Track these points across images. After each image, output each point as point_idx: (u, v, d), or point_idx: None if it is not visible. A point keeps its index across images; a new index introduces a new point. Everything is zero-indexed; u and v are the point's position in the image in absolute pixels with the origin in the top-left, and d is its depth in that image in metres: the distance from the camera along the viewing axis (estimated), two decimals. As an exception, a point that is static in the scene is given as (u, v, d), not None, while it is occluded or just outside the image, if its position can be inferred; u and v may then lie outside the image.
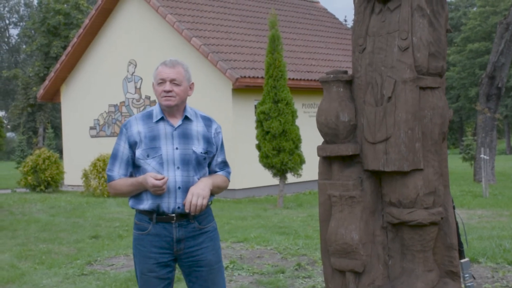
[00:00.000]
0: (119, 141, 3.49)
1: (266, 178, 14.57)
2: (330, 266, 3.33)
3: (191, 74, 3.55)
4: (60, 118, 26.21)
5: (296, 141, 13.19)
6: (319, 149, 3.34)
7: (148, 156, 3.40)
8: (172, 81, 3.42)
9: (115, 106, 19.18)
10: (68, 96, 20.65)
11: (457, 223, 3.35)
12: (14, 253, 8.48)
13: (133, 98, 18.65)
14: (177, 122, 3.48)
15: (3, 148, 22.49)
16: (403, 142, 3.07)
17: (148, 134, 3.43)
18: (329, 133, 3.28)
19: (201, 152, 3.46)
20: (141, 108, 18.40)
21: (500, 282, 6.11)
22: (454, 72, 52.21)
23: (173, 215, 3.41)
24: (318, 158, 3.40)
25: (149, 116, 3.50)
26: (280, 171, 13.25)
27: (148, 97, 18.22)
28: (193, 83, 3.55)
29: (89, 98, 19.81)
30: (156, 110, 3.51)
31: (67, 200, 15.59)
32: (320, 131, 3.33)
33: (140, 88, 18.45)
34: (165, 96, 3.42)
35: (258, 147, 13.38)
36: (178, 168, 3.40)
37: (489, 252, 7.26)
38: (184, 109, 3.52)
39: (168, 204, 3.40)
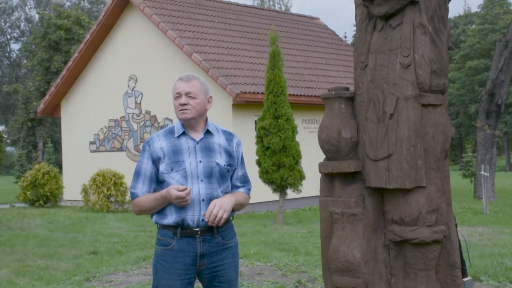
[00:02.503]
0: (142, 158, 3.53)
1: (266, 193, 14.54)
2: (331, 284, 3.30)
3: (208, 87, 3.59)
4: (60, 132, 26.22)
5: (296, 157, 13.18)
6: (321, 165, 3.32)
7: (172, 170, 3.43)
8: (187, 94, 3.47)
9: (115, 121, 19.18)
10: (68, 110, 20.67)
11: (459, 241, 3.32)
12: (12, 269, 8.42)
13: (133, 113, 18.65)
14: (198, 136, 3.52)
15: (2, 162, 22.50)
16: (405, 159, 3.06)
17: (171, 148, 3.47)
18: (331, 149, 3.27)
19: (224, 165, 3.50)
20: (141, 123, 18.41)
21: (501, 300, 6.07)
22: (454, 89, 52.32)
23: (198, 229, 3.42)
24: (318, 174, 3.39)
25: (170, 132, 3.55)
26: (280, 187, 13.23)
27: (148, 112, 18.23)
28: (211, 97, 3.59)
29: (89, 113, 19.82)
30: (177, 125, 3.55)
31: (66, 215, 15.53)
32: (322, 147, 3.32)
33: (140, 103, 18.46)
34: (181, 110, 3.47)
35: (258, 162, 13.36)
36: (202, 180, 3.43)
37: (490, 270, 7.22)
38: (206, 123, 3.57)
39: (193, 217, 3.41)
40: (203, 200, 3.41)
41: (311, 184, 13.66)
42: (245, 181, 3.68)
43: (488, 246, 9.42)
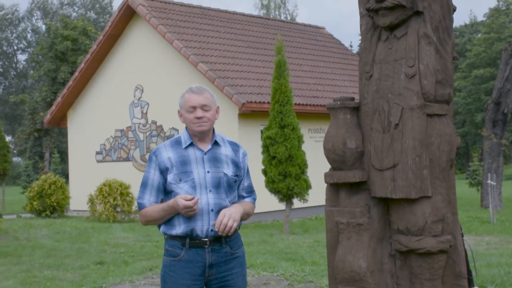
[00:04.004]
0: (149, 168, 3.52)
1: (272, 203, 14.53)
2: (337, 294, 3.29)
3: (216, 98, 3.61)
4: (66, 143, 26.29)
5: (302, 166, 13.18)
6: (326, 175, 3.33)
7: (180, 180, 3.44)
8: (203, 107, 3.47)
9: (121, 131, 19.24)
10: (75, 121, 20.74)
11: (465, 251, 3.32)
12: (18, 279, 8.44)
13: (140, 123, 18.71)
14: (206, 146, 3.52)
15: (9, 173, 22.55)
16: (410, 169, 3.06)
17: (179, 159, 3.47)
18: (336, 159, 3.28)
19: (232, 175, 3.52)
20: (148, 133, 18.46)
21: (509, 310, 6.04)
22: (460, 98, 52.23)
23: (206, 239, 3.43)
24: (324, 183, 3.40)
25: (177, 142, 3.55)
26: (286, 196, 13.22)
27: (154, 122, 18.28)
28: (218, 107, 3.61)
29: (96, 123, 19.89)
30: (184, 136, 3.55)
31: (72, 226, 15.56)
32: (327, 157, 3.33)
33: (146, 113, 18.52)
34: (198, 123, 3.46)
35: (264, 172, 13.37)
36: (210, 191, 3.44)
37: (497, 280, 7.19)
38: (213, 134, 3.57)
39: (202, 227, 3.42)
40: (212, 210, 3.42)
41: (317, 194, 13.64)
42: (251, 191, 3.70)
43: (495, 255, 9.38)
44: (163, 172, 3.47)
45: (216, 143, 3.55)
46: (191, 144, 3.51)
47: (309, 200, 13.62)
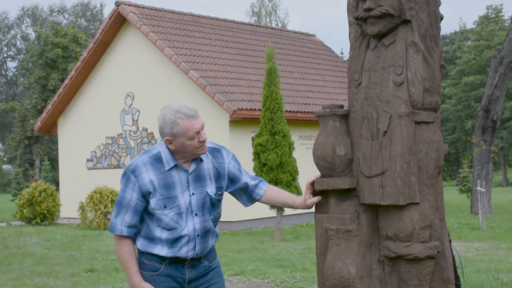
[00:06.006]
0: (125, 188, 3.29)
1: (263, 210, 14.52)
2: (327, 300, 3.32)
3: None
4: (57, 150, 26.24)
5: (293, 173, 13.21)
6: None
7: (165, 207, 3.28)
8: (202, 129, 3.28)
9: (112, 138, 19.21)
10: (65, 128, 20.70)
11: (453, 257, 3.35)
12: (8, 287, 8.40)
13: (131, 130, 18.70)
14: (189, 165, 3.35)
15: (-1, 180, 22.43)
16: (398, 176, 3.10)
17: (162, 182, 3.28)
18: (326, 166, 3.31)
19: (214, 195, 3.41)
20: (139, 140, 18.44)
21: (498, 316, 6.08)
22: (450, 105, 52.52)
23: (188, 259, 3.38)
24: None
25: (157, 159, 3.30)
26: (277, 204, 13.22)
27: (145, 129, 18.28)
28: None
29: (86, 130, 19.86)
30: (166, 156, 3.30)
31: (63, 233, 15.50)
32: (317, 165, 3.36)
33: (137, 120, 18.52)
34: (202, 146, 3.29)
35: (255, 179, 13.37)
36: (196, 215, 3.35)
37: (486, 286, 7.24)
38: None
39: (187, 252, 3.35)
40: (198, 235, 3.36)
41: (308, 201, 13.68)
42: (255, 178, 3.60)
43: (484, 261, 9.43)
44: (145, 195, 3.27)
45: (200, 160, 3.39)
46: (175, 166, 3.31)
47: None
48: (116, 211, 3.33)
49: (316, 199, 3.38)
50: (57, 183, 25.45)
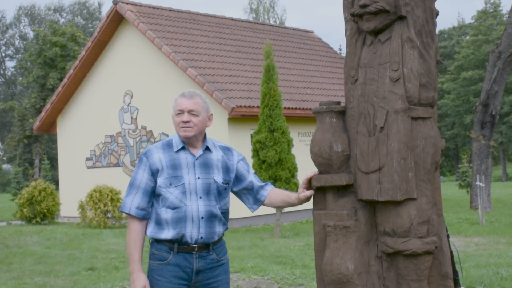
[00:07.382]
0: (138, 169, 3.48)
1: (263, 207, 14.53)
2: (326, 297, 3.33)
3: (209, 105, 3.60)
4: (56, 149, 26.22)
5: (292, 170, 13.22)
6: (314, 179, 3.37)
7: (170, 184, 3.41)
8: (190, 111, 3.46)
9: (111, 136, 19.21)
10: (64, 127, 20.70)
11: (451, 252, 3.36)
12: (9, 287, 8.42)
13: (130, 129, 18.70)
14: (197, 151, 3.51)
15: (-1, 180, 22.43)
16: (396, 171, 3.10)
17: (170, 162, 3.44)
18: (323, 163, 3.31)
19: (222, 182, 3.50)
20: (138, 139, 18.44)
21: (497, 310, 6.09)
22: (449, 100, 52.54)
23: (195, 245, 3.42)
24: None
25: (169, 145, 3.51)
26: (276, 200, 13.23)
27: (144, 127, 18.28)
28: (212, 114, 3.61)
29: (85, 129, 19.86)
30: (176, 140, 3.52)
31: (63, 232, 15.51)
32: (314, 161, 3.36)
33: (136, 118, 18.52)
34: (183, 127, 3.45)
35: (254, 176, 13.38)
36: (200, 197, 3.43)
37: (486, 280, 7.25)
38: (205, 139, 3.56)
39: (191, 234, 3.41)
40: (202, 217, 3.41)
41: (308, 197, 13.69)
42: (262, 181, 3.73)
43: (484, 256, 9.44)
44: (154, 174, 3.43)
45: (207, 149, 3.53)
46: (183, 148, 3.48)
47: (299, 203, 13.63)
48: (128, 191, 3.50)
49: (309, 192, 3.43)
50: (56, 182, 25.45)
